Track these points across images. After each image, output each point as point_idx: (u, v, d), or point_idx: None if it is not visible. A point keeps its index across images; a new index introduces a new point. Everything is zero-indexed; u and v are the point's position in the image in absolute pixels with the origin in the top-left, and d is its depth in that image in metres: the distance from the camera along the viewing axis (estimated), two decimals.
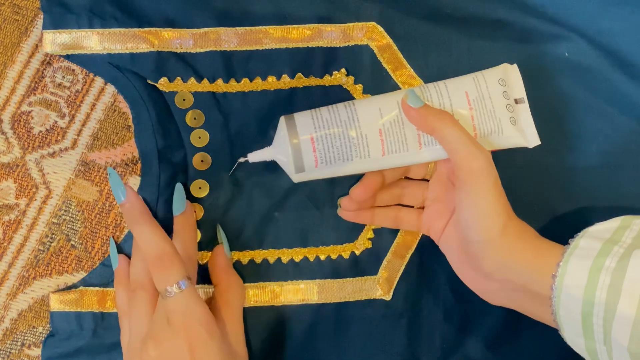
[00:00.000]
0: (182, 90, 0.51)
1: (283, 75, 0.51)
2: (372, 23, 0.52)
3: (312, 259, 0.51)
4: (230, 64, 0.51)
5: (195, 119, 0.51)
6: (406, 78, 0.51)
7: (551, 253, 0.41)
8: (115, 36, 0.50)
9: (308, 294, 0.51)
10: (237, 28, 0.51)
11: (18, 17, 0.52)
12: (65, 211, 0.52)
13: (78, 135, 0.52)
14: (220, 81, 0.51)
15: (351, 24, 0.52)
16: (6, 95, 0.52)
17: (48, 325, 0.51)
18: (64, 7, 0.50)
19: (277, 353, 0.51)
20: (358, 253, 0.51)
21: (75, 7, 0.50)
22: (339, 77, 0.52)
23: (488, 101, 0.47)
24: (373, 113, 0.46)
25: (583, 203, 0.52)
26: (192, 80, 0.51)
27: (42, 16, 0.51)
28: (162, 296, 0.43)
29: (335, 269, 0.51)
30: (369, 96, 0.49)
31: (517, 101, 0.48)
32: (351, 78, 0.51)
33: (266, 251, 0.51)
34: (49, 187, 0.52)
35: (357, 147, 0.45)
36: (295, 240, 0.51)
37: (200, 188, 0.51)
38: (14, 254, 0.51)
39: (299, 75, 0.51)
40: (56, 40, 0.50)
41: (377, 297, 0.51)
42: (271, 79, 0.51)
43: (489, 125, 0.47)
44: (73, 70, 0.52)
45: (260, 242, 0.51)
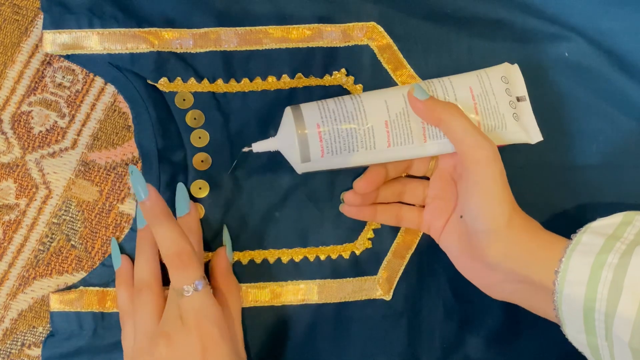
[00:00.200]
0: (182, 90, 0.51)
1: (283, 75, 0.51)
2: (372, 23, 0.52)
3: (312, 259, 0.51)
4: (230, 64, 0.51)
5: (195, 119, 0.51)
6: (406, 78, 0.51)
7: (555, 247, 0.42)
8: (115, 36, 0.50)
9: (308, 294, 0.51)
10: (237, 28, 0.51)
11: (18, 17, 0.52)
12: (65, 211, 0.52)
13: (78, 135, 0.52)
14: (220, 81, 0.51)
15: (351, 24, 0.52)
16: (6, 95, 0.52)
17: (48, 325, 0.51)
18: (64, 7, 0.50)
19: (277, 353, 0.51)
20: (358, 253, 0.51)
21: (75, 7, 0.50)
22: (339, 77, 0.52)
23: (492, 97, 0.47)
24: (379, 105, 0.46)
25: (583, 202, 0.52)
26: (192, 80, 0.51)
27: (42, 16, 0.51)
28: (178, 295, 0.43)
29: (335, 269, 0.51)
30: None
31: (519, 99, 0.49)
32: (351, 78, 0.51)
33: (266, 251, 0.51)
34: (49, 187, 0.52)
35: (363, 138, 0.46)
36: (295, 240, 0.51)
37: (200, 188, 0.51)
38: (14, 254, 0.51)
39: (299, 75, 0.51)
40: (56, 40, 0.50)
41: (377, 297, 0.51)
42: (271, 79, 0.51)
43: (493, 120, 0.47)
44: (73, 70, 0.52)
45: (260, 242, 0.51)
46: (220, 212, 0.51)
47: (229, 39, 0.51)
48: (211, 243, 0.51)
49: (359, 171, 0.50)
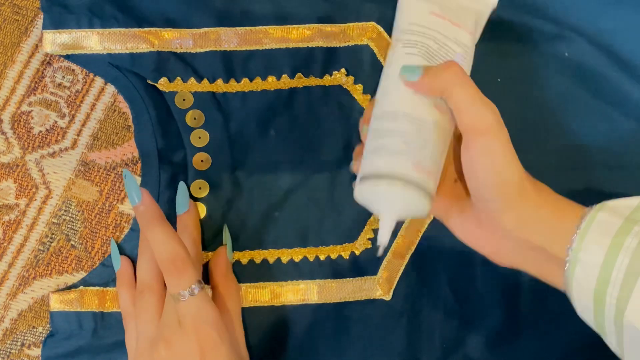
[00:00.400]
0: (182, 90, 0.51)
1: (283, 75, 0.51)
2: (372, 23, 0.52)
3: (312, 259, 0.51)
4: (230, 64, 0.51)
5: (195, 119, 0.51)
6: None
7: (570, 216, 0.40)
8: (115, 36, 0.50)
9: (308, 294, 0.51)
10: (237, 28, 0.51)
11: (18, 17, 0.52)
12: (65, 211, 0.52)
13: (78, 135, 0.52)
14: (220, 81, 0.51)
15: (351, 24, 0.52)
16: (6, 95, 0.52)
17: (48, 325, 0.51)
18: (64, 7, 0.50)
19: (277, 353, 0.51)
20: (358, 253, 0.51)
21: (75, 7, 0.50)
22: (339, 77, 0.52)
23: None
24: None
25: (583, 203, 0.52)
26: (192, 80, 0.51)
27: (42, 16, 0.51)
28: (175, 299, 0.43)
29: (335, 269, 0.51)
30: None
31: None
32: (351, 78, 0.51)
33: (266, 251, 0.51)
34: (49, 187, 0.52)
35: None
36: (294, 240, 0.51)
37: (200, 188, 0.51)
38: (14, 254, 0.51)
39: (299, 75, 0.51)
40: (56, 40, 0.50)
41: (377, 297, 0.51)
42: (271, 79, 0.51)
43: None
44: (73, 70, 0.52)
45: (260, 242, 0.51)
46: (220, 212, 0.51)
47: (229, 39, 0.51)
48: (211, 243, 0.51)
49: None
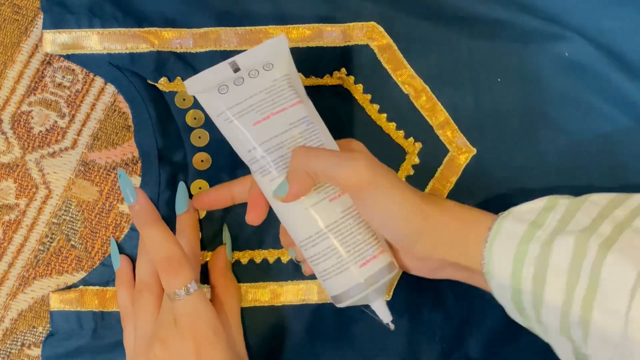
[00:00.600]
0: (182, 90, 0.51)
1: None
2: (372, 23, 0.52)
3: None
4: None
5: (195, 119, 0.51)
6: (406, 78, 0.51)
7: (479, 228, 0.40)
8: (115, 36, 0.50)
9: (308, 294, 0.51)
10: (237, 28, 0.51)
11: (18, 17, 0.52)
12: (65, 211, 0.52)
13: (78, 135, 0.52)
14: None
15: (351, 24, 0.52)
16: (6, 95, 0.52)
17: (48, 325, 0.51)
18: (64, 7, 0.50)
19: (277, 353, 0.51)
20: None
21: (75, 7, 0.50)
22: (339, 77, 0.52)
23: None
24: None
25: None
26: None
27: (42, 16, 0.51)
28: (170, 298, 0.43)
29: None
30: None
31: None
32: (351, 78, 0.51)
33: (266, 251, 0.51)
34: (49, 187, 0.52)
35: None
36: None
37: (200, 188, 0.51)
38: (14, 254, 0.51)
39: (299, 75, 0.51)
40: (56, 40, 0.50)
41: None
42: None
43: None
44: (73, 70, 0.52)
45: (260, 242, 0.51)
46: (220, 212, 0.51)
47: (229, 39, 0.51)
48: (211, 243, 0.51)
49: None
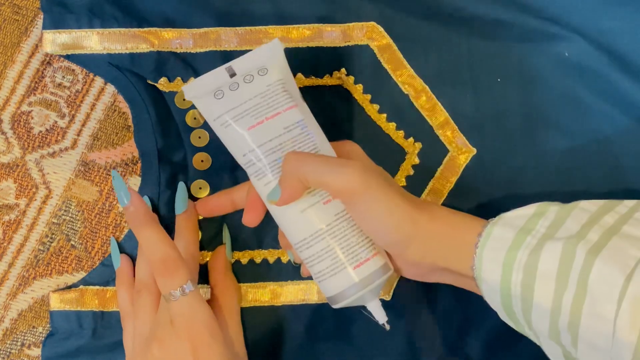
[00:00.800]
0: (182, 90, 0.51)
1: None
2: (372, 23, 0.52)
3: None
4: None
5: (195, 119, 0.51)
6: (406, 78, 0.51)
7: (470, 233, 0.41)
8: (115, 36, 0.50)
9: (308, 294, 0.51)
10: (237, 28, 0.51)
11: (18, 17, 0.52)
12: (65, 211, 0.52)
13: (78, 135, 0.52)
14: None
15: (351, 24, 0.52)
16: (6, 95, 0.52)
17: (48, 325, 0.51)
18: (64, 7, 0.50)
19: (277, 353, 0.51)
20: None
21: (75, 7, 0.50)
22: (339, 77, 0.52)
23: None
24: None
25: None
26: (192, 80, 0.51)
27: (42, 16, 0.51)
28: (166, 299, 0.44)
29: None
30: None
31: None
32: (351, 78, 0.51)
33: (266, 251, 0.51)
34: (49, 187, 0.52)
35: None
36: None
37: (200, 188, 0.51)
38: (14, 254, 0.51)
39: (299, 75, 0.51)
40: (56, 40, 0.50)
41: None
42: None
43: None
44: (73, 70, 0.52)
45: (260, 242, 0.51)
46: None
47: (229, 39, 0.51)
48: (211, 242, 0.51)
49: None
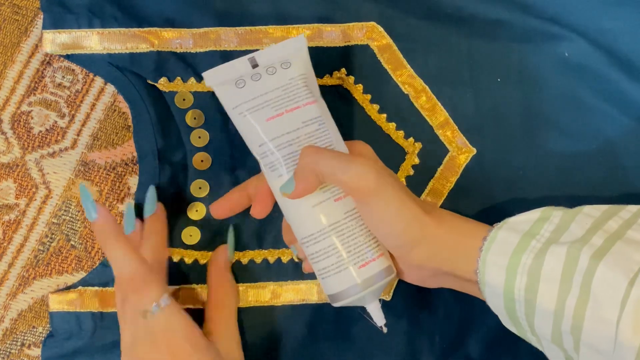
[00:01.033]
0: (182, 90, 0.51)
1: None
2: (372, 23, 0.52)
3: None
4: None
5: (195, 119, 0.51)
6: (406, 78, 0.51)
7: (474, 238, 0.41)
8: (115, 36, 0.50)
9: (308, 294, 0.51)
10: (237, 28, 0.51)
11: (18, 17, 0.52)
12: (65, 211, 0.52)
13: (78, 135, 0.52)
14: None
15: (351, 24, 0.52)
16: (6, 95, 0.52)
17: (48, 325, 0.51)
18: (64, 7, 0.50)
19: (277, 353, 0.51)
20: None
21: (75, 7, 0.50)
22: (339, 77, 0.52)
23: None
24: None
25: (583, 203, 0.52)
26: (192, 80, 0.51)
27: (42, 16, 0.51)
28: (142, 316, 0.43)
29: None
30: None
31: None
32: (351, 78, 0.51)
33: (266, 251, 0.51)
34: (49, 187, 0.52)
35: None
36: None
37: (200, 188, 0.51)
38: (14, 254, 0.51)
39: None
40: (56, 40, 0.50)
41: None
42: None
43: None
44: (73, 70, 0.52)
45: (260, 242, 0.51)
46: None
47: (229, 39, 0.51)
48: (211, 243, 0.51)
49: None
